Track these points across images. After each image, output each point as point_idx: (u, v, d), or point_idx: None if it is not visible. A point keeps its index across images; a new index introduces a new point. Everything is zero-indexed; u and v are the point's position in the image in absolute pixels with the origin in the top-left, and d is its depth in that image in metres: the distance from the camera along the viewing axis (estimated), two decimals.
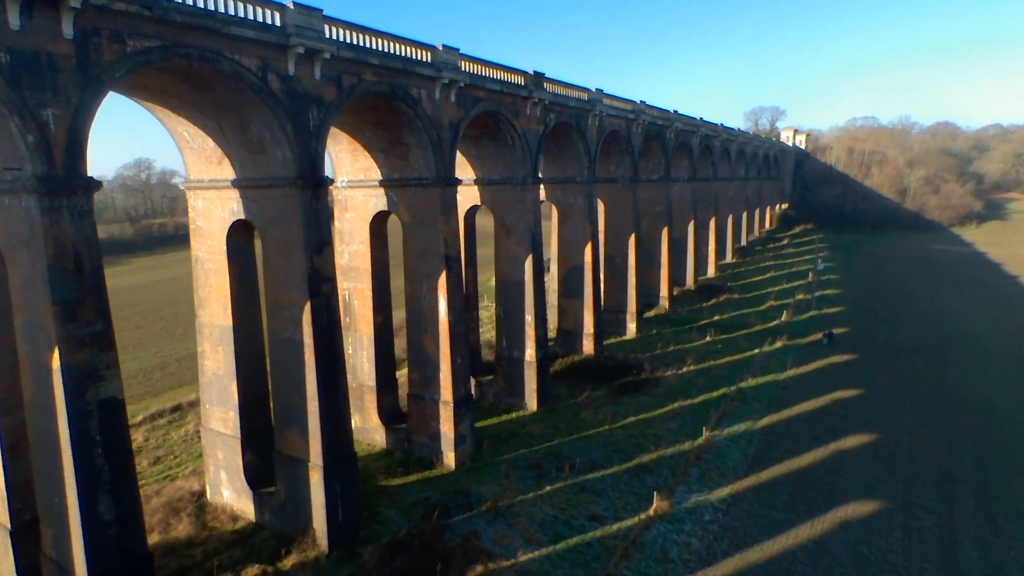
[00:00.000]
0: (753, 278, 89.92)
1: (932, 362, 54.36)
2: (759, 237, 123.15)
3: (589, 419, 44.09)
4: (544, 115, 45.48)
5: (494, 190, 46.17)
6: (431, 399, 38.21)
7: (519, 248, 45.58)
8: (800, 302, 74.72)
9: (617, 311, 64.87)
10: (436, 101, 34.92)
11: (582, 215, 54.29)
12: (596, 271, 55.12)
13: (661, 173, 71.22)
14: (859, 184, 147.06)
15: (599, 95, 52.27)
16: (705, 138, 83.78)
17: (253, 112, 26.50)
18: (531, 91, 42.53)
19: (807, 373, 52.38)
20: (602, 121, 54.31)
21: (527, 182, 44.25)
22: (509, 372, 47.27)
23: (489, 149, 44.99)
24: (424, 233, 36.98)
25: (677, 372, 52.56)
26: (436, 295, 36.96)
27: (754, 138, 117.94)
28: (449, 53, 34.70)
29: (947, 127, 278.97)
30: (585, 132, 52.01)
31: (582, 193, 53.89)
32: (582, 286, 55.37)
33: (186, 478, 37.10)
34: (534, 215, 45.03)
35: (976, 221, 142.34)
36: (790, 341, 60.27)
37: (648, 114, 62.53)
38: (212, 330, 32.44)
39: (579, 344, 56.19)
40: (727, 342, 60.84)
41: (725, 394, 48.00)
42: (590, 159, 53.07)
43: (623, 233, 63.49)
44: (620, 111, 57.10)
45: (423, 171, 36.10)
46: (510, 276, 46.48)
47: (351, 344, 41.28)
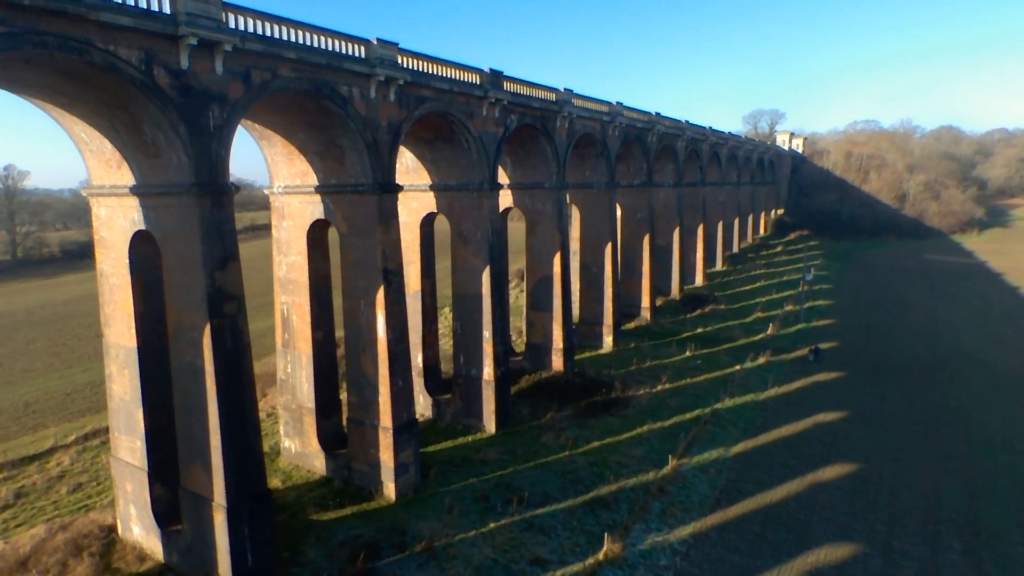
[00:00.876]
0: (742, 287, 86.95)
1: (924, 381, 51.38)
2: (752, 244, 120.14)
3: (550, 444, 41.18)
4: (504, 116, 42.65)
5: (450, 196, 43.33)
6: (370, 424, 35.35)
7: (476, 259, 42.73)
8: (788, 314, 71.76)
9: (593, 323, 61.96)
10: (372, 100, 32.08)
11: (551, 222, 51.42)
12: (566, 282, 52.24)
13: (642, 178, 68.35)
14: (857, 189, 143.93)
15: (568, 95, 49.44)
16: (692, 141, 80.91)
17: (142, 111, 23.70)
18: (487, 90, 39.71)
19: (789, 393, 49.41)
20: (572, 123, 51.47)
21: (484, 188, 41.40)
22: (467, 391, 44.40)
23: (443, 152, 42.19)
24: (361, 244, 34.12)
25: (650, 391, 49.61)
26: (374, 312, 34.10)
27: (746, 142, 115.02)
28: (386, 48, 31.87)
29: (951, 131, 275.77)
30: (553, 135, 49.17)
31: (551, 199, 51.04)
32: (551, 298, 52.50)
33: (102, 509, 34.20)
34: (492, 223, 42.17)
35: (977, 228, 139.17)
36: (774, 357, 57.31)
37: (626, 116, 59.69)
38: (118, 351, 29.63)
39: (548, 360, 53.30)
40: (707, 357, 57.90)
41: (699, 416, 45.07)
42: (559, 163, 50.23)
43: (599, 241, 60.60)
44: (593, 113, 54.27)
45: (359, 176, 33.26)
46: (467, 289, 43.63)
47: (290, 363, 38.52)
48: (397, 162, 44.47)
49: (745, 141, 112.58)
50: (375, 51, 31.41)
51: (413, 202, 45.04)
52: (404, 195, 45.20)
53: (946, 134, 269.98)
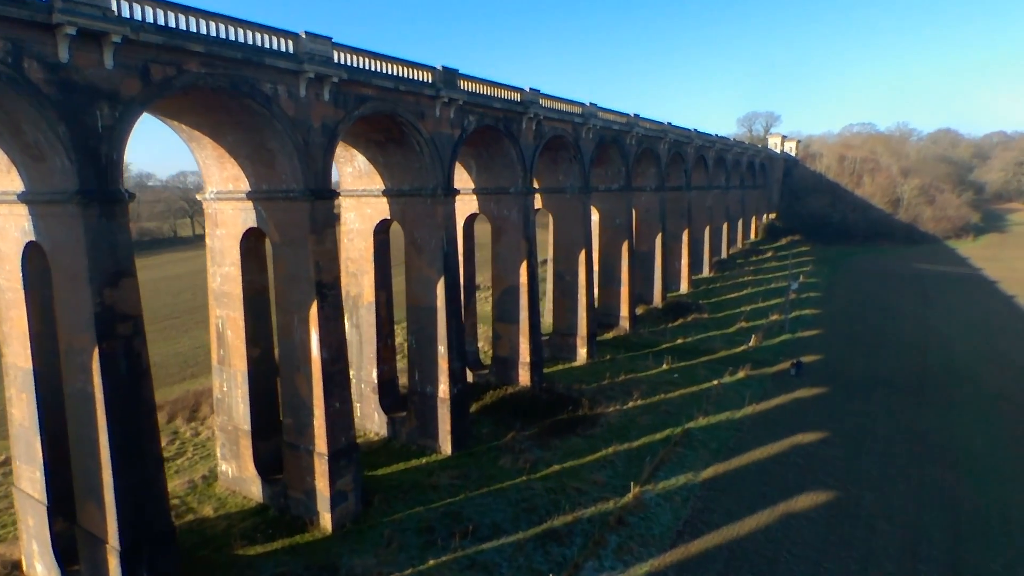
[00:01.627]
0: (728, 295, 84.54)
1: (910, 399, 48.97)
2: (742, 249, 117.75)
3: (507, 467, 38.70)
4: (460, 117, 40.18)
5: (403, 202, 40.85)
6: (306, 449, 32.87)
7: (430, 269, 40.25)
8: (773, 324, 69.36)
9: (567, 334, 59.50)
10: (302, 99, 29.60)
11: (516, 230, 48.98)
12: (533, 292, 49.78)
13: (621, 182, 65.92)
14: (849, 194, 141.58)
15: (534, 95, 47.00)
16: (675, 144, 78.52)
17: (16, 108, 21.18)
18: (439, 89, 37.24)
19: (767, 411, 46.97)
20: (540, 125, 49.02)
21: (438, 194, 38.92)
22: (422, 410, 41.91)
23: (395, 156, 39.73)
24: (294, 255, 31.62)
25: (621, 408, 47.16)
26: (308, 328, 31.59)
27: (735, 144, 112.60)
28: (317, 42, 29.40)
29: (948, 134, 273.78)
30: (518, 137, 46.72)
31: (517, 205, 48.58)
32: (518, 309, 50.06)
33: (10, 543, 31.69)
34: (447, 232, 39.69)
35: (973, 234, 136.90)
36: (754, 371, 54.87)
37: (600, 117, 57.26)
38: (16, 373, 27.16)
39: (514, 374, 50.81)
40: (685, 371, 55.44)
41: (670, 436, 42.63)
42: (525, 167, 47.77)
43: (573, 248, 58.16)
44: (564, 114, 51.83)
45: (290, 182, 30.77)
46: (421, 301, 41.14)
47: (225, 381, 36.02)
48: (349, 165, 42.28)
49: (734, 144, 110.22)
50: (304, 46, 28.93)
51: (367, 208, 42.60)
52: (357, 200, 42.88)
53: (944, 137, 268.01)
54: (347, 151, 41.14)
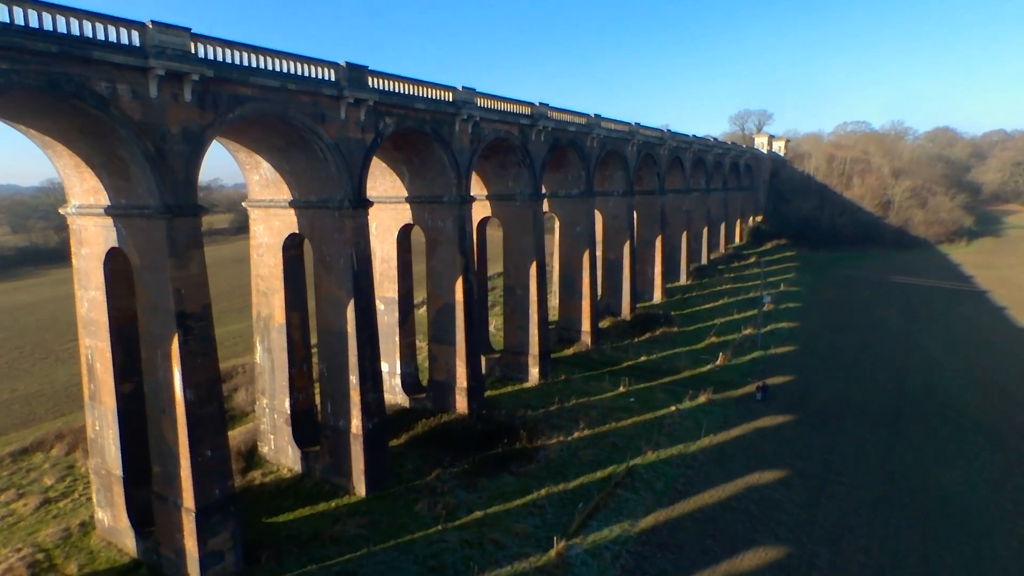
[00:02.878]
0: (702, 305, 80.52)
1: (883, 429, 45.04)
2: (724, 254, 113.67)
3: (423, 514, 34.79)
4: (373, 120, 36.11)
5: (311, 215, 36.80)
6: (174, 502, 28.81)
7: (340, 290, 36.20)
8: (745, 339, 65.37)
9: (518, 353, 55.48)
10: (153, 101, 25.50)
11: (451, 242, 44.94)
12: (471, 311, 45.75)
13: (581, 188, 61.86)
14: (838, 196, 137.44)
15: (469, 95, 42.93)
16: (645, 146, 74.46)
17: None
18: (342, 88, 33.16)
19: (724, 443, 43.01)
20: (478, 127, 44.96)
21: (345, 206, 34.84)
22: (335, 445, 37.93)
23: (300, 163, 35.66)
24: (154, 281, 27.53)
25: (565, 439, 43.20)
26: (171, 365, 27.51)
27: (716, 145, 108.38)
28: (169, 33, 25.27)
29: (946, 132, 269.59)
30: (451, 141, 42.67)
31: (451, 216, 44.53)
32: (453, 329, 46.01)
33: None
34: (357, 248, 35.60)
35: (966, 238, 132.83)
36: (717, 394, 50.89)
37: (552, 119, 53.16)
38: None
39: (451, 400, 46.82)
40: (643, 394, 51.48)
41: (612, 474, 38.71)
42: (459, 174, 43.71)
43: (524, 260, 54.12)
44: (507, 115, 47.78)
45: (146, 196, 26.71)
46: (332, 325, 37.09)
47: (97, 419, 31.96)
48: (255, 173, 38.20)
49: (714, 144, 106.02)
50: (153, 38, 24.80)
51: (275, 220, 38.56)
52: (265, 212, 38.88)
53: (941, 135, 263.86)
54: (251, 157, 37.10)
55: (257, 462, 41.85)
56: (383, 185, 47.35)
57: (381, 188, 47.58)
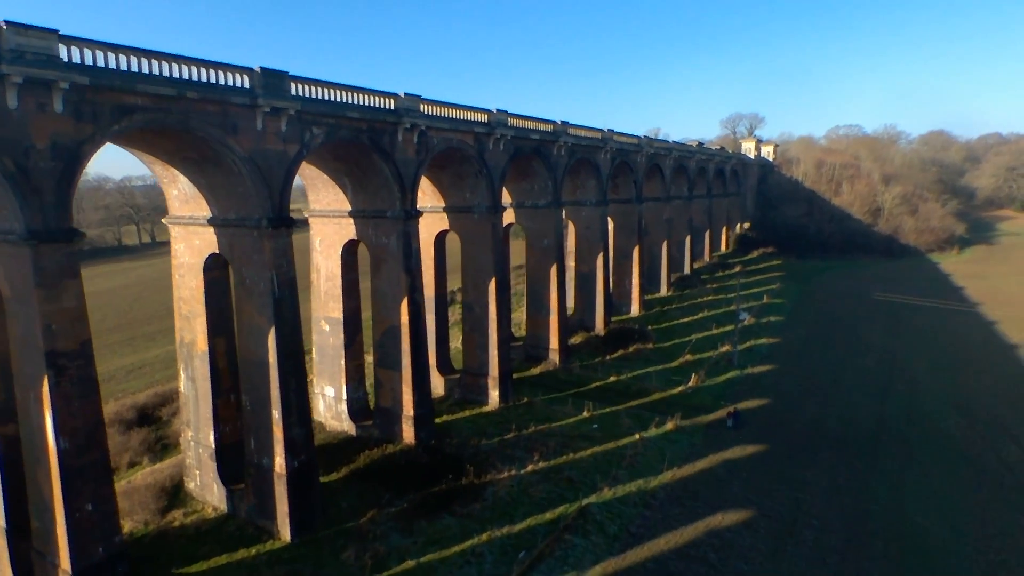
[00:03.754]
0: (681, 319, 77.63)
1: (860, 460, 42.19)
2: (708, 263, 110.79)
3: (349, 563, 31.87)
4: (297, 130, 33.15)
5: (230, 234, 33.83)
6: (51, 562, 25.75)
7: (261, 317, 33.18)
8: (721, 357, 62.51)
9: (477, 374, 52.51)
10: (13, 111, 22.46)
11: (396, 260, 41.95)
12: (417, 334, 42.75)
13: (548, 198, 58.97)
14: (827, 202, 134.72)
15: (412, 101, 40.02)
16: (620, 153, 71.60)
17: None
18: (256, 97, 30.18)
19: (688, 478, 40.10)
20: (425, 136, 42.03)
21: (263, 225, 31.85)
22: (259, 485, 34.96)
23: (217, 178, 32.71)
24: (24, 315, 24.50)
25: (517, 472, 40.27)
26: (42, 410, 24.45)
27: (699, 151, 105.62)
28: (28, 36, 22.30)
29: (940, 136, 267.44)
30: (393, 151, 39.73)
31: (395, 232, 41.56)
32: (399, 354, 43.02)
33: None
34: (279, 271, 32.59)
35: (957, 247, 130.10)
36: (686, 420, 47.98)
37: (512, 126, 50.27)
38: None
39: (398, 429, 43.84)
40: (607, 419, 48.55)
41: (563, 515, 35.75)
42: (403, 187, 40.78)
43: (482, 276, 51.19)
44: (459, 123, 44.87)
45: (10, 219, 23.65)
46: (253, 354, 34.07)
47: None
48: (174, 187, 35.17)
49: (697, 150, 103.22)
50: (8, 40, 21.80)
51: (195, 239, 35.58)
52: (185, 229, 35.87)
53: (935, 139, 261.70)
54: (167, 170, 34.10)
55: (182, 499, 38.79)
56: (327, 198, 44.41)
57: (325, 201, 44.65)
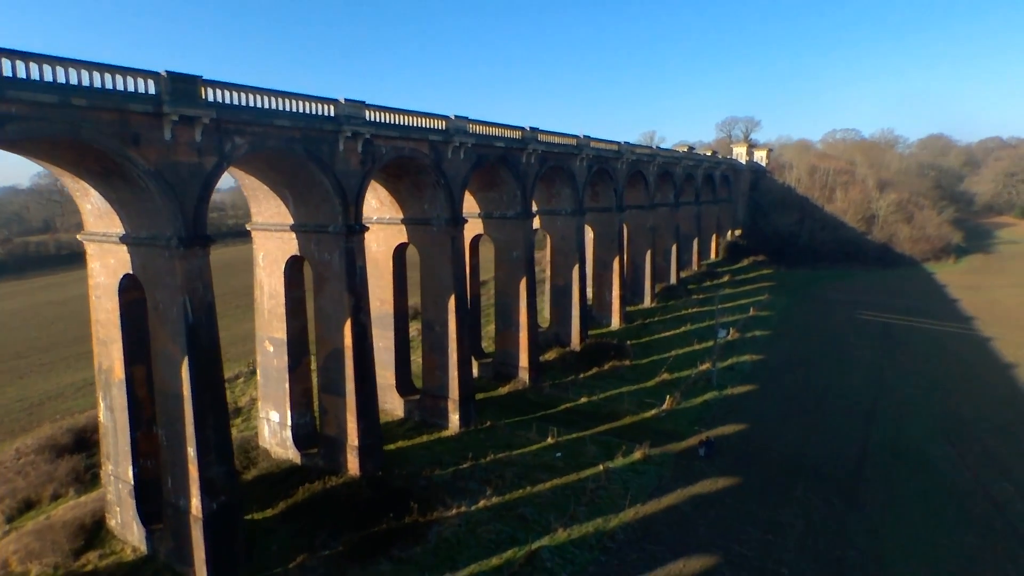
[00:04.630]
0: (663, 332, 74.77)
1: (837, 500, 39.28)
2: (696, 272, 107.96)
3: None
4: (216, 141, 30.35)
5: (143, 254, 31.04)
6: None
7: (174, 345, 30.38)
8: (700, 376, 59.66)
9: (437, 396, 49.69)
10: None
11: (339, 279, 39.11)
12: (361, 358, 39.88)
13: (517, 208, 56.15)
14: (819, 209, 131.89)
15: (354, 108, 37.27)
16: (597, 160, 68.83)
17: None
18: (162, 104, 27.35)
19: (653, 516, 37.26)
20: (371, 146, 39.25)
21: (173, 244, 29.04)
22: (176, 527, 32.17)
23: (125, 193, 29.98)
24: None
25: (467, 509, 37.44)
26: None
27: (686, 156, 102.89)
28: None
29: (940, 140, 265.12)
30: (333, 162, 36.93)
31: (338, 248, 38.72)
32: (343, 379, 40.15)
33: None
34: (193, 295, 29.78)
35: (954, 256, 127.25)
36: (656, 448, 45.14)
37: (472, 134, 47.47)
38: None
39: (343, 459, 40.99)
40: (572, 447, 45.73)
41: (510, 561, 32.96)
42: (345, 200, 37.98)
43: (441, 292, 48.40)
44: (411, 131, 42.09)
45: None
46: (168, 386, 31.27)
47: None
48: (87, 200, 32.40)
49: (683, 156, 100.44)
50: None
51: (110, 257, 32.81)
52: (99, 247, 33.14)
53: (934, 143, 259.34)
54: (77, 183, 31.35)
55: (102, 538, 35.93)
56: (269, 210, 41.60)
57: (267, 213, 41.84)
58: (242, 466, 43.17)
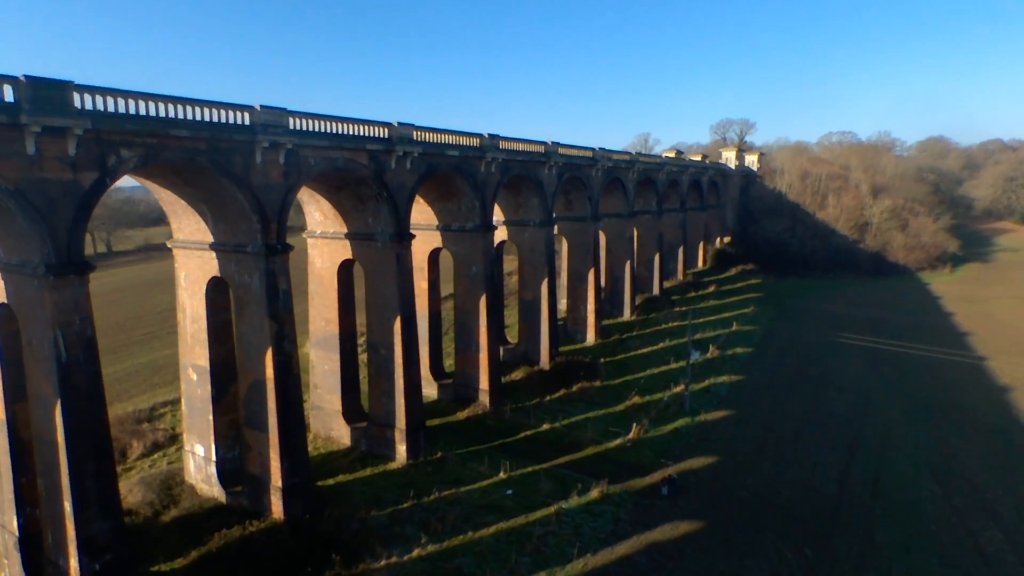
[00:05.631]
0: (640, 349, 71.30)
1: (811, 546, 35.89)
2: (681, 282, 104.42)
3: None
4: (94, 155, 26.97)
5: (15, 282, 27.60)
6: None
7: (47, 385, 26.98)
8: (673, 399, 56.27)
9: (384, 425, 46.28)
10: None
11: (259, 303, 35.69)
12: (285, 389, 36.42)
13: (476, 221, 52.73)
14: (810, 217, 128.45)
15: (274, 115, 33.86)
16: (569, 168, 65.43)
17: None
18: (18, 113, 23.93)
19: (602, 569, 33.84)
20: (295, 157, 35.85)
21: (39, 272, 25.63)
22: None
23: None
24: None
25: (398, 560, 34.05)
26: None
27: (669, 161, 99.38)
28: None
29: (939, 142, 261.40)
30: (249, 176, 33.52)
31: (258, 270, 35.27)
32: (265, 413, 36.72)
33: None
34: (65, 329, 26.43)
35: (950, 265, 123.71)
36: (616, 485, 41.77)
37: (419, 142, 44.07)
38: None
39: (266, 500, 37.57)
40: (526, 483, 42.35)
41: None
42: (264, 217, 34.55)
43: (387, 312, 45.00)
44: (344, 139, 38.68)
45: None
46: (43, 431, 28.04)
47: None
48: None
49: (667, 161, 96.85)
50: None
51: None
52: None
53: (933, 145, 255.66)
54: None
55: None
56: (189, 227, 38.22)
57: (187, 230, 38.47)
58: (162, 505, 39.85)
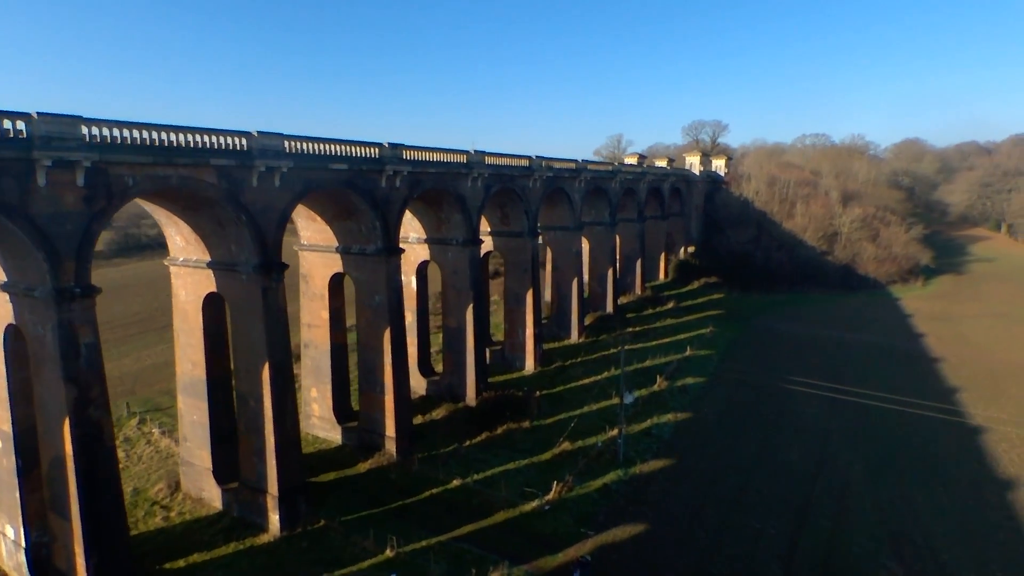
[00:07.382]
0: (582, 379, 64.62)
1: None
2: (638, 297, 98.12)
3: None
4: None
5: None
6: None
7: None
8: (607, 445, 49.82)
9: (255, 489, 39.35)
10: None
11: (54, 362, 28.44)
12: (91, 469, 29.23)
13: (377, 244, 45.83)
14: (778, 226, 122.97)
15: (64, 125, 26.64)
16: (498, 179, 58.74)
17: None
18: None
19: None
20: (101, 176, 28.80)
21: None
22: None
23: None
24: None
25: None
26: None
27: (623, 169, 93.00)
28: None
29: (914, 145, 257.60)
30: (28, 203, 26.33)
31: (51, 320, 28.04)
32: (67, 496, 29.53)
33: None
34: None
35: (922, 278, 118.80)
36: (519, 567, 35.22)
37: (290, 155, 37.18)
38: None
39: None
40: (413, 565, 35.65)
41: None
42: (54, 253, 27.44)
43: (254, 357, 38.06)
44: (176, 154, 31.58)
45: None
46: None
47: None
48: None
49: (619, 169, 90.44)
50: None
51: None
52: None
53: (908, 148, 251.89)
54: None
55: None
56: None
57: None
58: None
